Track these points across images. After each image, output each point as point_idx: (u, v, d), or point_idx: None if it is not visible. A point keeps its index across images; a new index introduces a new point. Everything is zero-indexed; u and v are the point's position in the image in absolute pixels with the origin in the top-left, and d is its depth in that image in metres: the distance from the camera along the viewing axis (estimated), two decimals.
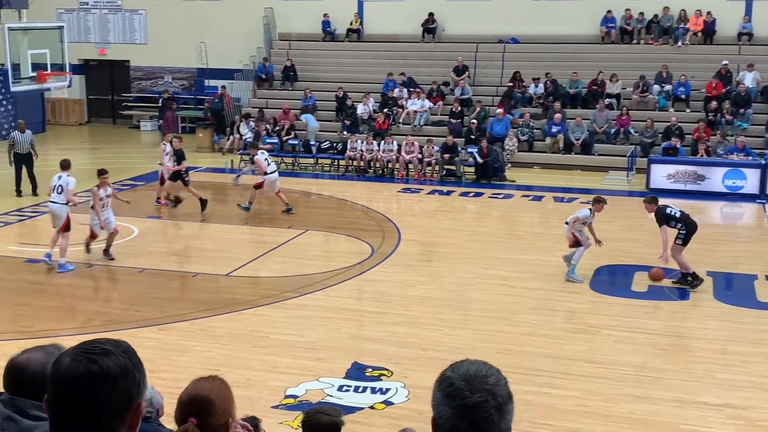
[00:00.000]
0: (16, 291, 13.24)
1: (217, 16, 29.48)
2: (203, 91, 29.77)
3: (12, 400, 2.87)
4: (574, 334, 11.43)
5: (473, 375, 2.08)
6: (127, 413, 2.06)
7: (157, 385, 5.08)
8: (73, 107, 32.12)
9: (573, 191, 20.73)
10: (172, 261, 14.71)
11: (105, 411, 2.02)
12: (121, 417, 2.05)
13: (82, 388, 1.99)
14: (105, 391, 2.01)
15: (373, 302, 12.96)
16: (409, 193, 21.10)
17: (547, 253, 15.23)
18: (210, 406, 2.96)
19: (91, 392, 2.00)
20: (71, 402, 2.01)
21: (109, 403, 2.02)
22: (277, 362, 10.32)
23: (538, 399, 9.17)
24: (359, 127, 25.17)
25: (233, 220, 17.76)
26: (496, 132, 23.91)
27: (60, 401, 2.02)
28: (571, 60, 26.25)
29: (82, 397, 2.00)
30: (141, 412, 2.09)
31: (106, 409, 2.02)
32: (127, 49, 31.47)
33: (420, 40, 28.19)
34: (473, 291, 13.42)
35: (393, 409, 9.09)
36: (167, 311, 12.20)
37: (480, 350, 10.36)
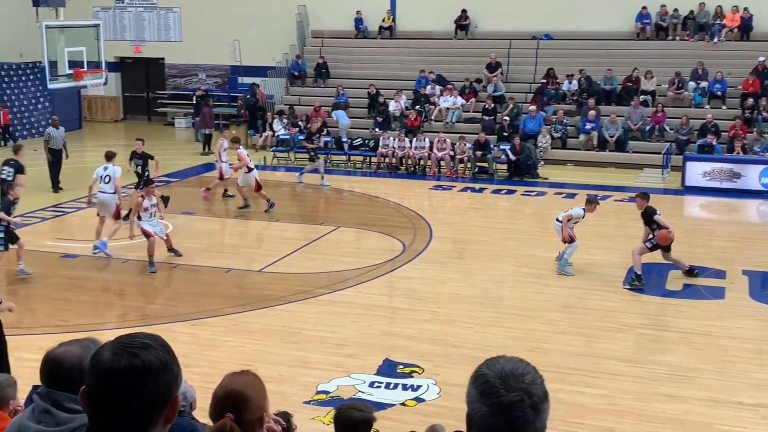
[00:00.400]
0: (53, 286, 13.43)
1: (250, 14, 29.62)
2: (236, 89, 29.94)
3: (48, 393, 2.91)
4: (606, 332, 11.36)
5: (509, 373, 2.07)
6: (165, 406, 2.08)
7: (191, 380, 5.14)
8: (109, 104, 32.48)
9: (607, 189, 20.55)
10: (205, 257, 14.83)
11: (145, 404, 2.05)
12: (159, 410, 2.08)
13: (124, 382, 2.02)
14: (146, 385, 2.03)
15: (404, 299, 12.97)
16: (440, 190, 21.07)
17: (580, 250, 15.11)
18: (246, 401, 2.98)
19: (133, 386, 2.02)
20: (112, 395, 2.03)
21: (149, 396, 2.04)
22: (309, 358, 10.37)
23: (570, 397, 9.13)
24: (391, 124, 25.18)
25: (265, 217, 17.86)
26: (529, 129, 23.79)
27: (100, 394, 2.05)
28: (606, 56, 26.03)
29: (123, 391, 2.02)
30: (178, 405, 2.12)
31: (147, 402, 2.05)
32: (162, 47, 31.74)
33: (453, 36, 28.10)
34: (505, 289, 13.38)
35: (424, 405, 9.10)
36: (201, 306, 12.31)
37: (512, 348, 10.32)
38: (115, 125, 31.86)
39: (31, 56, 27.57)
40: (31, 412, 2.95)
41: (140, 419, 2.06)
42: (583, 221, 14.29)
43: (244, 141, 26.56)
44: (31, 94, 28.10)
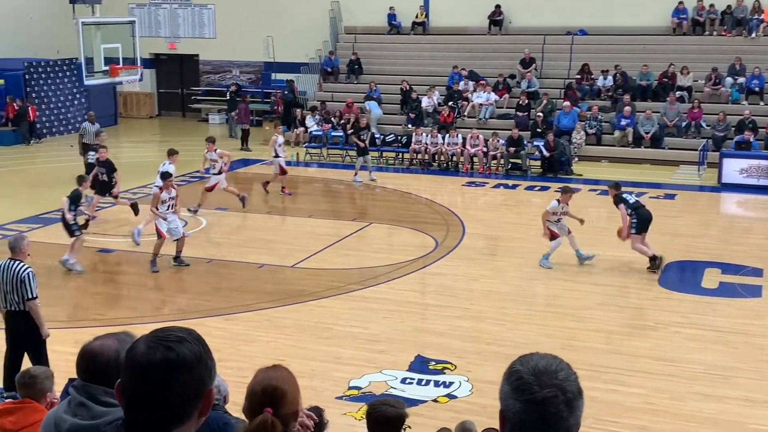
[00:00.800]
0: (90, 280, 13.60)
1: (284, 10, 29.72)
2: (270, 85, 30.07)
3: (84, 386, 2.94)
4: (641, 330, 11.26)
5: (543, 369, 2.06)
6: (199, 399, 2.10)
7: (224, 374, 5.17)
8: (144, 100, 32.78)
9: (642, 186, 20.34)
10: (238, 252, 14.92)
11: (180, 397, 2.06)
12: (194, 403, 2.09)
13: (159, 375, 2.03)
14: (181, 378, 2.04)
15: (436, 296, 12.95)
16: (473, 186, 21.00)
17: (614, 248, 14.99)
18: (283, 395, 2.98)
19: (168, 379, 2.04)
20: (147, 388, 2.05)
21: (184, 389, 2.06)
22: (341, 353, 10.39)
23: (603, 396, 9.06)
24: (424, 120, 25.14)
25: (298, 212, 17.92)
26: (563, 125, 23.63)
27: (136, 387, 2.06)
28: (642, 52, 25.75)
29: (158, 384, 2.04)
30: (212, 398, 2.13)
31: (182, 395, 2.06)
32: (197, 44, 31.96)
33: (486, 32, 27.98)
34: (538, 286, 13.31)
35: (456, 402, 9.08)
36: (234, 301, 12.39)
37: (545, 345, 10.25)
38: (150, 121, 32.16)
39: (67, 53, 27.88)
40: (67, 404, 2.98)
41: (175, 412, 2.07)
42: (615, 219, 14.15)
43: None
44: (68, 91, 28.43)
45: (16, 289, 8.68)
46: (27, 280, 8.68)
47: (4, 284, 8.72)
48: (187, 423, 2.11)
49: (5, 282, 8.70)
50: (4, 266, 8.79)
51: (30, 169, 23.32)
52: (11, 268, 8.73)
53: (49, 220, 16.77)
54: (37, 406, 5.36)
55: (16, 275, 8.66)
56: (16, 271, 8.69)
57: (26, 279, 8.67)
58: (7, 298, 8.76)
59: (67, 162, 20.94)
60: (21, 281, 8.65)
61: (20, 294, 8.69)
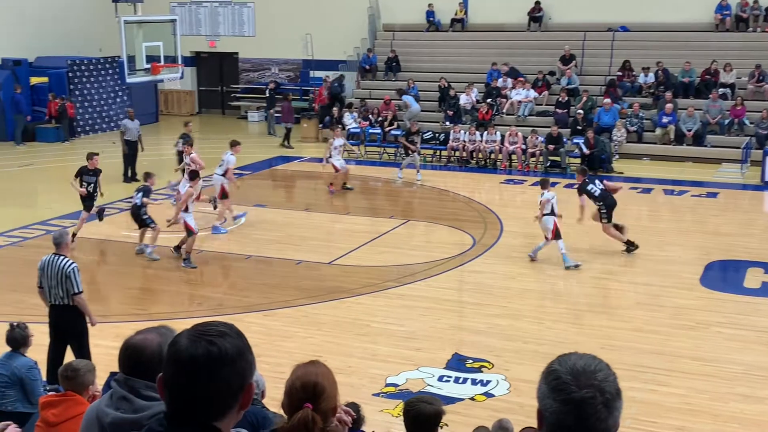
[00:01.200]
0: (130, 275, 13.77)
1: (323, 8, 29.81)
2: (308, 83, 30.18)
3: (126, 380, 2.98)
4: (681, 330, 11.12)
5: (581, 369, 2.05)
6: (241, 393, 2.12)
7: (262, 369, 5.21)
8: (185, 98, 33.10)
9: (684, 184, 20.11)
10: (276, 248, 15.01)
11: (222, 391, 2.09)
12: (235, 397, 2.12)
13: (202, 369, 2.06)
14: (223, 371, 2.07)
15: (474, 293, 12.91)
16: (512, 184, 20.89)
17: (655, 247, 14.85)
18: (323, 391, 3.00)
19: (210, 373, 2.06)
20: (190, 382, 2.07)
21: (226, 383, 2.08)
22: (378, 350, 10.41)
23: (642, 396, 8.97)
24: (462, 117, 25.06)
25: (336, 209, 17.98)
26: (604, 122, 23.41)
27: (178, 381, 2.09)
28: (684, 48, 25.41)
29: (200, 378, 2.06)
30: (252, 392, 2.16)
31: (223, 389, 2.09)
32: (236, 42, 32.19)
33: (526, 29, 27.82)
34: (576, 284, 13.21)
35: (494, 401, 9.06)
36: (272, 297, 12.47)
37: (583, 345, 10.19)
38: (190, 119, 32.38)
39: (110, 51, 28.24)
40: (109, 398, 3.02)
41: (217, 405, 2.10)
42: (656, 217, 14.00)
43: (316, 134, 26.85)
44: (110, 88, 28.80)
45: (61, 284, 8.81)
46: (72, 274, 8.81)
47: (49, 279, 8.85)
48: (229, 416, 2.14)
49: (50, 277, 8.84)
50: (49, 261, 8.92)
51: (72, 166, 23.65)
52: (56, 263, 8.86)
53: (91, 216, 17.00)
54: (80, 399, 5.45)
55: (62, 270, 8.78)
56: (62, 266, 8.81)
57: (71, 274, 8.80)
58: (51, 293, 8.89)
59: (109, 159, 21.19)
60: (66, 276, 8.78)
61: (65, 288, 8.82)
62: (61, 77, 27.41)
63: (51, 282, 8.84)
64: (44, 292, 8.99)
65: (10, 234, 15.78)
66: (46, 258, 8.99)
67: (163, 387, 2.14)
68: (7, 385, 7.00)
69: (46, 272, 8.86)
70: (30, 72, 27.57)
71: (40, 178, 21.49)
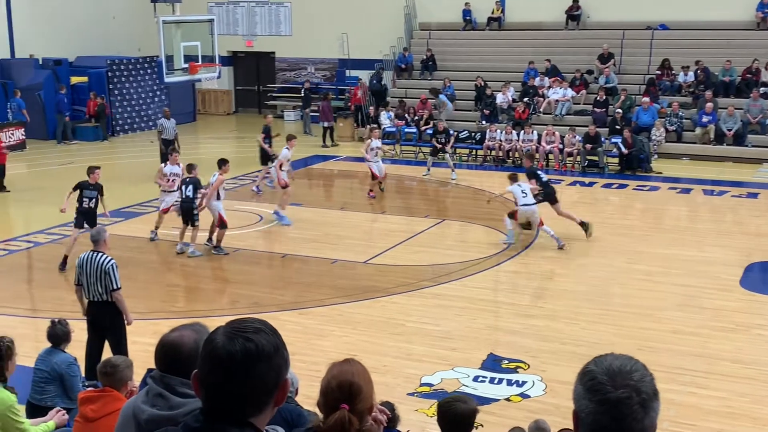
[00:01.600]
0: (167, 272, 13.90)
1: (359, 7, 29.85)
2: (344, 82, 30.24)
3: (162, 377, 3.00)
4: (721, 332, 10.96)
5: (617, 370, 2.03)
6: (277, 389, 2.13)
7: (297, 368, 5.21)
8: (222, 97, 33.35)
9: (724, 184, 19.83)
10: (312, 247, 15.05)
11: (259, 387, 2.10)
12: (272, 393, 2.13)
13: (239, 366, 2.07)
14: (260, 368, 2.08)
15: (510, 294, 12.84)
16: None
17: (694, 248, 14.66)
18: (360, 391, 2.98)
19: (247, 369, 2.07)
20: (227, 379, 2.08)
21: (263, 379, 2.09)
22: (413, 350, 10.39)
23: (680, 398, 8.86)
24: (498, 116, 24.94)
25: (371, 209, 17.98)
26: (643, 122, 23.16)
27: (215, 378, 2.10)
28: (724, 47, 25.04)
29: (238, 374, 2.07)
30: (288, 388, 2.17)
31: (260, 385, 2.10)
32: (273, 41, 32.36)
33: (564, 27, 27.61)
34: (614, 285, 13.07)
35: (529, 402, 9.00)
36: (307, 296, 12.51)
37: (621, 346, 10.08)
38: (227, 118, 32.69)
39: (148, 51, 28.56)
40: (145, 394, 3.04)
41: (253, 402, 2.12)
42: (696, 218, 13.82)
43: (350, 133, 26.89)
44: (148, 88, 29.10)
45: (100, 280, 8.92)
46: (111, 271, 8.91)
47: (88, 276, 8.96)
48: (264, 412, 2.15)
49: (89, 273, 8.94)
50: (87, 258, 9.03)
51: (111, 165, 23.95)
52: (95, 260, 8.97)
53: (129, 213, 17.22)
54: (118, 395, 5.50)
55: (101, 267, 8.90)
56: (101, 262, 8.93)
57: (110, 270, 8.91)
58: (90, 289, 9.00)
59: (147, 158, 21.45)
60: (105, 272, 8.89)
61: (104, 285, 8.93)
62: (100, 77, 27.77)
63: (90, 279, 8.95)
64: (82, 289, 9.10)
65: (50, 231, 16.01)
66: (85, 255, 9.10)
67: (199, 384, 2.14)
68: (47, 380, 7.10)
69: (85, 269, 8.97)
70: (70, 72, 27.96)
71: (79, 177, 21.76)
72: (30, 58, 27.67)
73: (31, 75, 27.11)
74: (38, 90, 26.67)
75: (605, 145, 22.15)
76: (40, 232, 16.04)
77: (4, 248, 15.14)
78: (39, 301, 12.66)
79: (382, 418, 3.13)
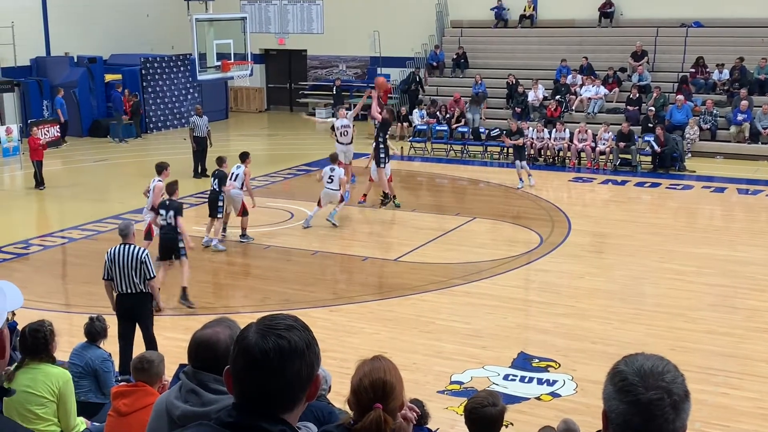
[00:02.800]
0: (198, 269, 13.98)
1: (390, 5, 29.85)
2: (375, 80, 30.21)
3: (195, 374, 3.03)
4: (755, 333, 10.83)
5: (648, 371, 2.02)
6: (309, 385, 2.16)
7: (328, 364, 5.24)
8: (254, 95, 33.51)
9: (759, 183, 19.58)
10: (342, 245, 15.09)
11: (293, 383, 2.12)
12: (304, 389, 2.15)
13: (273, 363, 2.09)
14: (293, 365, 2.10)
15: (540, 292, 12.78)
16: (580, 182, 20.62)
17: (728, 247, 14.50)
18: (393, 389, 2.98)
19: (281, 365, 2.09)
20: (261, 376, 2.10)
21: (296, 375, 2.11)
22: (443, 348, 10.39)
23: (713, 399, 8.77)
24: (530, 114, 24.82)
25: (402, 206, 17.97)
26: (676, 120, 22.91)
27: (250, 375, 2.12)
28: (760, 44, 24.70)
29: (271, 371, 2.09)
30: (320, 384, 2.19)
31: (294, 381, 2.12)
32: (305, 39, 32.45)
33: (597, 24, 27.41)
34: (646, 285, 12.97)
35: (560, 401, 8.96)
36: (338, 293, 12.55)
37: (652, 346, 10.00)
38: (259, 115, 32.85)
39: (181, 48, 28.78)
40: (177, 390, 3.07)
41: (286, 398, 2.14)
42: (730, 217, 13.64)
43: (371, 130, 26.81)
44: (182, 85, 29.33)
45: (136, 271, 9.19)
46: (147, 260, 9.25)
47: (122, 268, 9.19)
48: (297, 408, 2.18)
49: (125, 265, 9.19)
50: (119, 252, 9.26)
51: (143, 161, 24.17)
52: (129, 252, 9.23)
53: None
54: (150, 389, 5.57)
55: (136, 258, 9.19)
56: (135, 254, 9.21)
57: (146, 260, 9.25)
58: (123, 281, 9.22)
59: (180, 155, 21.60)
60: (141, 262, 9.20)
61: (141, 274, 9.21)
62: (134, 74, 28.03)
63: (124, 270, 9.18)
64: (113, 283, 9.30)
65: (85, 227, 16.21)
66: (115, 249, 9.32)
67: (232, 380, 2.17)
68: (81, 375, 7.20)
69: (117, 262, 9.20)
70: (104, 69, 28.27)
71: (113, 173, 22.03)
72: (65, 56, 28.02)
73: (66, 73, 27.45)
74: (73, 88, 26.99)
75: (638, 143, 21.95)
76: (74, 228, 16.24)
77: (39, 244, 15.35)
78: (73, 297, 12.83)
79: (411, 415, 3.13)
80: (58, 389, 5.74)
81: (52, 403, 5.74)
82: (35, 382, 5.70)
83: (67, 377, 5.87)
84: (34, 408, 5.68)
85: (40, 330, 5.85)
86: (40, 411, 5.70)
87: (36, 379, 5.71)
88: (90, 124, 27.33)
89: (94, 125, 27.26)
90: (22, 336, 5.89)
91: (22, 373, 5.74)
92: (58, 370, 5.88)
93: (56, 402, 5.75)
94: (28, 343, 5.81)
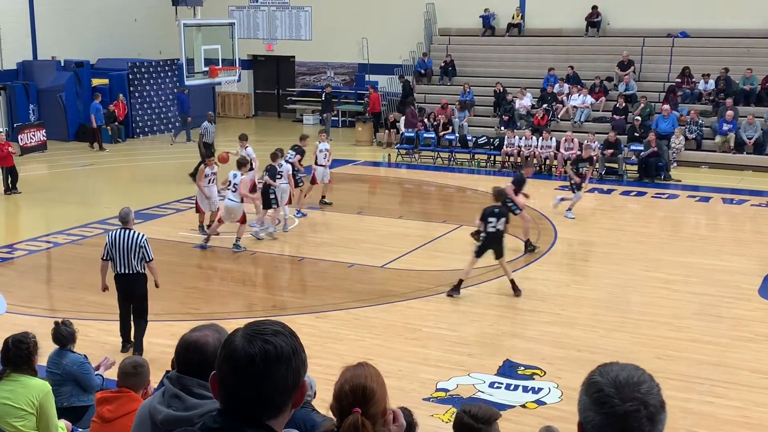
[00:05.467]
0: (185, 274, 13.95)
1: (379, 12, 29.90)
2: (363, 86, 30.28)
3: (179, 378, 3.01)
4: (740, 342, 10.87)
5: (624, 381, 2.00)
6: (295, 391, 2.14)
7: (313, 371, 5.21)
8: (242, 101, 33.47)
9: (743, 192, 19.69)
10: (329, 251, 15.07)
11: (279, 389, 2.11)
12: (290, 395, 2.14)
13: (259, 368, 2.08)
14: (279, 370, 2.09)
15: (526, 300, 12.78)
16: (567, 190, 20.64)
17: (713, 256, 14.57)
18: (373, 394, 2.99)
19: (267, 371, 2.08)
20: (247, 381, 2.09)
21: (282, 381, 2.10)
22: (429, 355, 10.38)
23: (698, 407, 8.80)
24: (517, 122, 24.90)
25: (388, 213, 17.98)
26: (662, 129, 23.03)
27: (235, 381, 2.11)
28: (745, 55, 24.89)
29: (258, 376, 2.08)
30: (305, 390, 2.18)
31: (280, 387, 2.11)
32: (293, 45, 32.46)
33: (584, 34, 27.54)
34: (632, 293, 13.01)
35: (545, 409, 8.96)
36: (324, 300, 12.52)
37: (638, 354, 10.03)
38: (246, 121, 32.80)
39: (169, 54, 28.74)
40: (161, 395, 3.06)
41: (272, 404, 2.12)
42: (715, 226, 13.71)
43: (370, 137, 26.92)
44: (169, 90, 29.26)
45: (135, 253, 9.90)
46: (146, 245, 9.98)
47: (121, 250, 9.87)
48: (282, 414, 2.16)
49: (125, 248, 9.86)
50: (119, 235, 9.93)
51: (130, 166, 24.09)
52: (129, 236, 9.91)
53: (150, 215, 17.30)
54: (134, 395, 5.54)
55: (137, 241, 9.92)
56: (135, 238, 9.93)
57: (145, 244, 9.98)
58: (123, 263, 9.93)
59: (167, 160, 21.54)
60: (141, 246, 9.93)
61: (140, 257, 9.94)
62: (121, 79, 27.94)
63: (123, 252, 9.88)
64: (110, 263, 9.97)
65: (70, 232, 16.12)
66: (115, 232, 10.04)
67: (218, 385, 2.15)
68: (60, 382, 7.12)
69: (117, 244, 9.90)
70: (91, 74, 28.16)
71: (101, 178, 21.93)
72: (52, 60, 27.91)
73: (52, 77, 27.34)
74: (60, 92, 26.88)
75: (624, 152, 22.04)
76: (59, 233, 16.15)
77: (24, 248, 15.26)
78: (58, 301, 12.75)
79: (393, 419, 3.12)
80: (38, 401, 5.67)
81: (32, 416, 5.67)
82: (15, 394, 5.63)
83: (47, 389, 5.80)
84: (12, 421, 5.60)
85: (24, 341, 5.79)
86: (19, 424, 5.63)
87: (16, 391, 5.63)
88: (77, 128, 27.19)
89: (81, 130, 27.12)
90: (5, 347, 5.81)
91: (2, 385, 5.66)
92: (38, 381, 5.81)
93: (36, 414, 5.68)
94: (11, 354, 5.74)
